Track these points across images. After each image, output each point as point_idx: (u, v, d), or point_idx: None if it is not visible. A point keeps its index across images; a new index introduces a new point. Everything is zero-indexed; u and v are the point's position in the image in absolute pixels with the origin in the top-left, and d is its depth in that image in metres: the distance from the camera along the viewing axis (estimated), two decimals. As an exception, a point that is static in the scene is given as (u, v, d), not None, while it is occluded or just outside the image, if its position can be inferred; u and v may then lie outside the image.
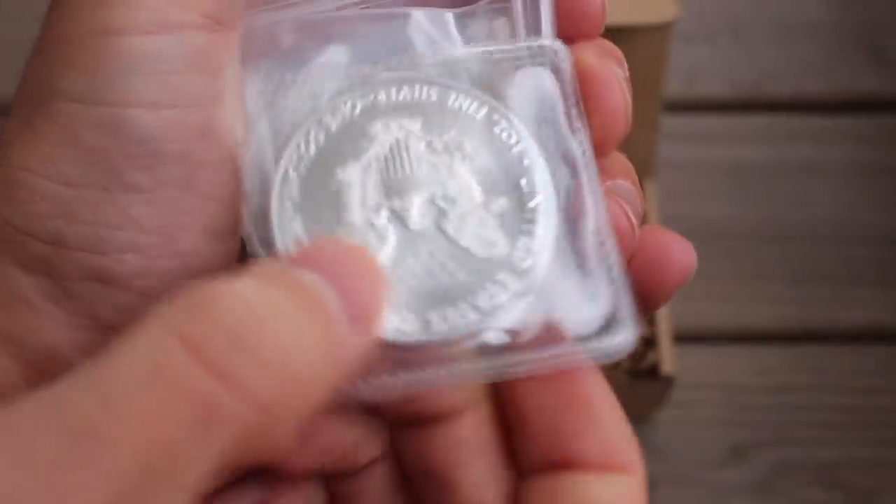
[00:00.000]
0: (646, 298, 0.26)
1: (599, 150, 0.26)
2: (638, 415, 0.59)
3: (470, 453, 0.25)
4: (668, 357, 0.56)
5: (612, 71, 0.27)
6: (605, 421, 0.24)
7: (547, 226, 0.25)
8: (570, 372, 0.24)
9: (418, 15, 0.26)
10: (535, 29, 0.26)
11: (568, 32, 0.27)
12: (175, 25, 0.25)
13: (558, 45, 0.26)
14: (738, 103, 0.68)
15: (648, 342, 0.57)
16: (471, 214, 0.25)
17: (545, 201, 0.25)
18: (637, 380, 0.56)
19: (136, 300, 0.25)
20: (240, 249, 0.26)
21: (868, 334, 0.62)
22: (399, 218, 0.25)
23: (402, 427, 0.26)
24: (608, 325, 0.24)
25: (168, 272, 0.25)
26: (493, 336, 0.24)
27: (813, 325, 0.63)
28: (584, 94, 0.26)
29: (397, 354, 0.24)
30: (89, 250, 0.24)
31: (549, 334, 0.24)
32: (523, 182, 0.25)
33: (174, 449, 0.19)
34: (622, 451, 0.23)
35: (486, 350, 0.24)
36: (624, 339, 0.23)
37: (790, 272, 0.64)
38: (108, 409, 0.19)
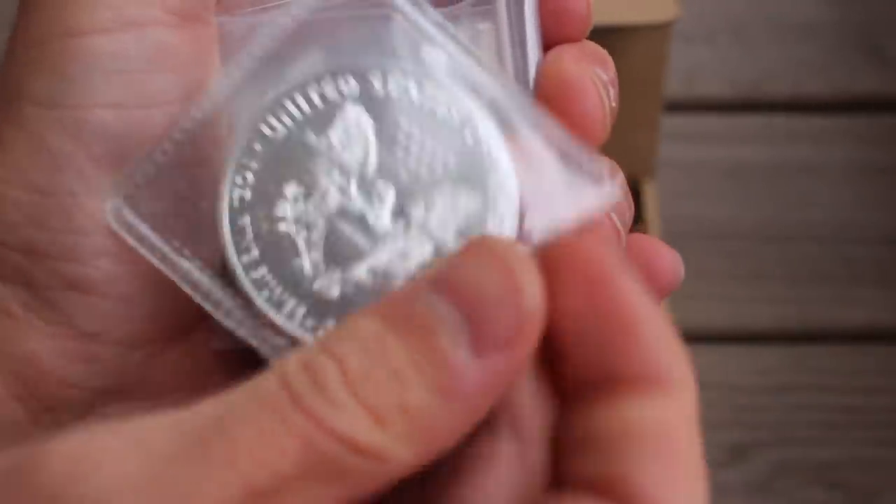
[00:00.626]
0: None
1: None
2: (638, 415, 0.58)
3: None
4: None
5: (590, 76, 0.26)
6: (643, 338, 0.21)
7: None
8: (606, 283, 0.21)
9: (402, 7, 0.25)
10: (519, 31, 0.26)
11: (553, 35, 0.26)
12: (137, 23, 0.24)
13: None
14: (738, 103, 0.68)
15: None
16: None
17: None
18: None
19: (114, 307, 0.25)
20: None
21: (868, 334, 0.62)
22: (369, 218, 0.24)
23: None
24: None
25: (143, 276, 0.25)
26: None
27: (813, 325, 0.63)
28: (560, 100, 0.26)
29: None
30: (63, 258, 0.24)
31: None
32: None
33: (279, 478, 0.19)
34: (665, 368, 0.21)
35: None
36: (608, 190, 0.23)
37: (790, 272, 0.64)
38: (222, 432, 0.19)
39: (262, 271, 0.24)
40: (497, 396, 0.21)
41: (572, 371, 0.22)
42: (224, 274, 0.24)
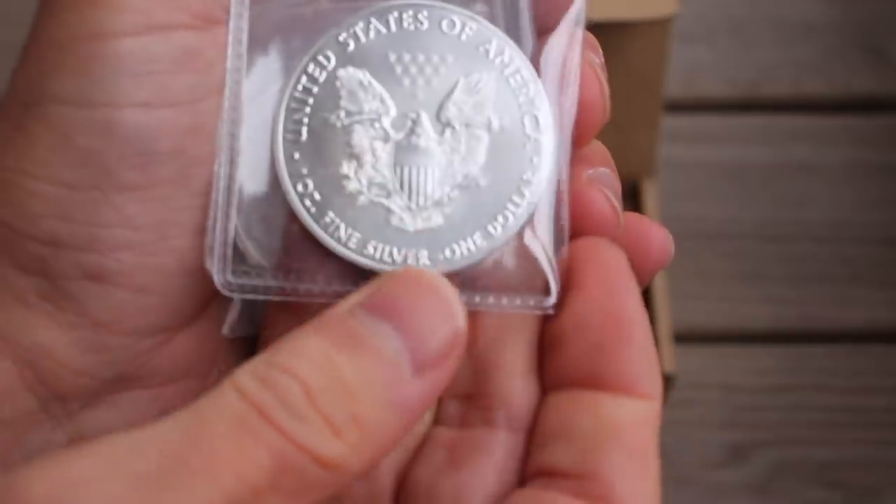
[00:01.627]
0: None
1: (579, 140, 0.27)
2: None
3: (511, 348, 0.26)
4: (668, 357, 0.55)
5: (589, 61, 0.27)
6: (636, 347, 0.24)
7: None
8: (616, 292, 0.24)
9: None
10: (513, 14, 0.27)
11: (546, 19, 0.27)
12: (163, 26, 0.25)
13: None
14: (738, 103, 0.68)
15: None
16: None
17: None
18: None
19: (130, 297, 0.25)
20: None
21: (867, 334, 0.62)
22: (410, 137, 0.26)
23: None
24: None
25: (162, 268, 0.25)
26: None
27: (812, 325, 0.62)
28: (560, 86, 0.27)
29: None
30: (85, 249, 0.25)
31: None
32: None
33: (255, 491, 0.20)
34: (646, 378, 0.24)
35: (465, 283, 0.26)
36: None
37: (789, 272, 0.64)
38: (198, 448, 0.20)
39: (369, 247, 0.26)
40: (431, 405, 0.23)
41: (560, 365, 0.25)
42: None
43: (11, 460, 0.25)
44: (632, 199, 0.62)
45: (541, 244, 0.26)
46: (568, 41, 0.26)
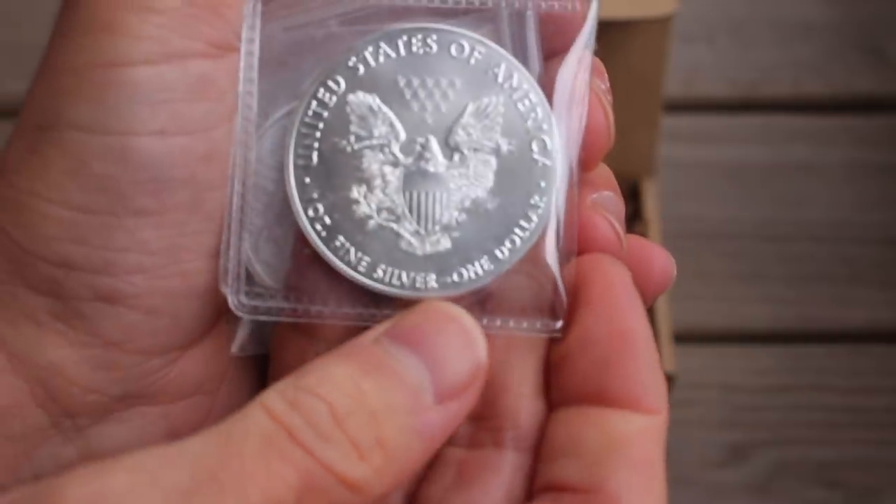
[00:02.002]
0: None
1: (585, 165, 0.27)
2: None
3: (521, 367, 0.26)
4: (667, 357, 0.55)
5: (594, 87, 0.27)
6: (642, 362, 0.25)
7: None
8: (621, 307, 0.25)
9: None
10: (520, 38, 0.27)
11: (552, 42, 0.27)
12: (179, 55, 0.25)
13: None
14: (738, 103, 0.68)
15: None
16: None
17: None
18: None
19: (141, 318, 0.26)
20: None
21: (866, 334, 0.62)
22: (419, 162, 0.27)
23: None
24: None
25: (173, 291, 0.26)
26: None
27: (811, 325, 0.63)
28: (569, 110, 0.27)
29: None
30: (98, 272, 0.25)
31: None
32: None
33: None
34: (651, 393, 0.24)
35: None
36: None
37: (789, 272, 0.64)
38: (228, 465, 0.21)
39: (378, 270, 0.26)
40: (451, 432, 0.24)
41: (567, 381, 0.25)
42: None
43: (22, 474, 0.26)
44: (632, 199, 0.62)
45: (548, 268, 0.26)
46: (577, 65, 0.27)
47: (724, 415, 0.61)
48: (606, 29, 0.27)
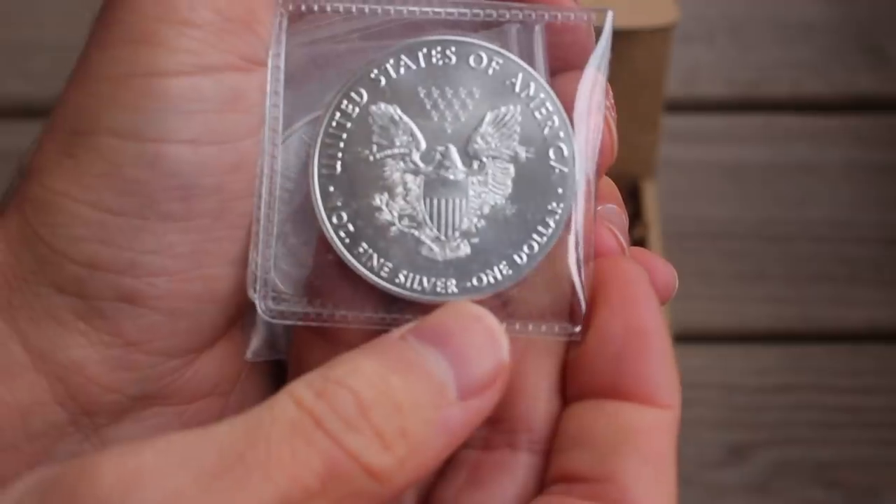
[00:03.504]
0: None
1: None
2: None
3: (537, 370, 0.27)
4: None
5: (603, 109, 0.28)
6: (656, 357, 0.25)
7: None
8: (637, 304, 0.26)
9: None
10: (527, 56, 0.28)
11: (558, 62, 0.28)
12: (213, 68, 0.26)
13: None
14: (737, 103, 0.68)
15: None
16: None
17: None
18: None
19: (162, 319, 0.27)
20: None
21: (866, 334, 0.63)
22: (439, 170, 0.27)
23: None
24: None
25: (194, 294, 0.27)
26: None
27: (812, 325, 0.63)
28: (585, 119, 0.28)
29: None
30: (123, 273, 0.26)
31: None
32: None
33: (307, 493, 0.22)
34: (665, 388, 0.25)
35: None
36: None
37: (789, 272, 0.64)
38: (255, 448, 0.22)
39: (400, 276, 0.27)
40: (473, 429, 0.24)
41: (582, 375, 0.26)
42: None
43: None
44: (632, 199, 0.62)
45: (567, 273, 0.27)
46: (594, 74, 0.28)
47: (724, 415, 0.61)
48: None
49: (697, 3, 0.69)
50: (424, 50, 0.27)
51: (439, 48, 0.27)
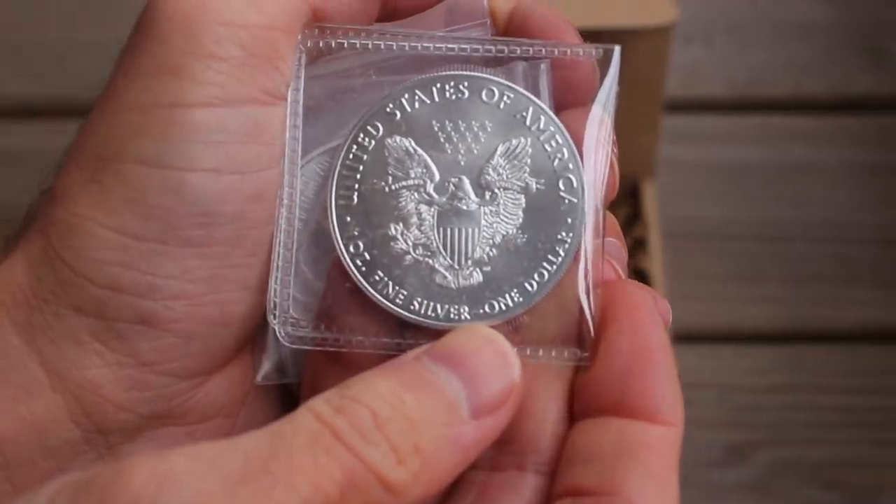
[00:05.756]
0: None
1: None
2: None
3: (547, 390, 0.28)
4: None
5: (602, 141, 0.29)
6: (661, 376, 0.26)
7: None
8: (643, 325, 0.27)
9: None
10: (535, 94, 0.29)
11: (564, 98, 0.29)
12: (237, 100, 0.27)
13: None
14: (736, 103, 0.68)
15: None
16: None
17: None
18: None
19: (176, 342, 0.28)
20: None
21: (864, 334, 0.63)
22: (452, 200, 0.29)
23: None
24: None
25: (209, 318, 0.28)
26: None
27: (809, 325, 0.63)
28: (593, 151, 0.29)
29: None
30: (142, 296, 0.27)
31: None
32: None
33: (327, 499, 0.23)
34: (669, 406, 0.26)
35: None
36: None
37: (787, 272, 0.64)
38: (278, 457, 0.23)
39: (414, 303, 0.28)
40: (485, 448, 0.25)
41: (588, 393, 0.27)
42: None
43: None
44: (631, 198, 0.62)
45: (576, 300, 0.28)
46: (603, 108, 0.29)
47: (723, 415, 0.61)
48: (610, 37, 0.28)
49: (697, 3, 0.70)
50: (438, 85, 0.29)
51: (452, 83, 0.29)
